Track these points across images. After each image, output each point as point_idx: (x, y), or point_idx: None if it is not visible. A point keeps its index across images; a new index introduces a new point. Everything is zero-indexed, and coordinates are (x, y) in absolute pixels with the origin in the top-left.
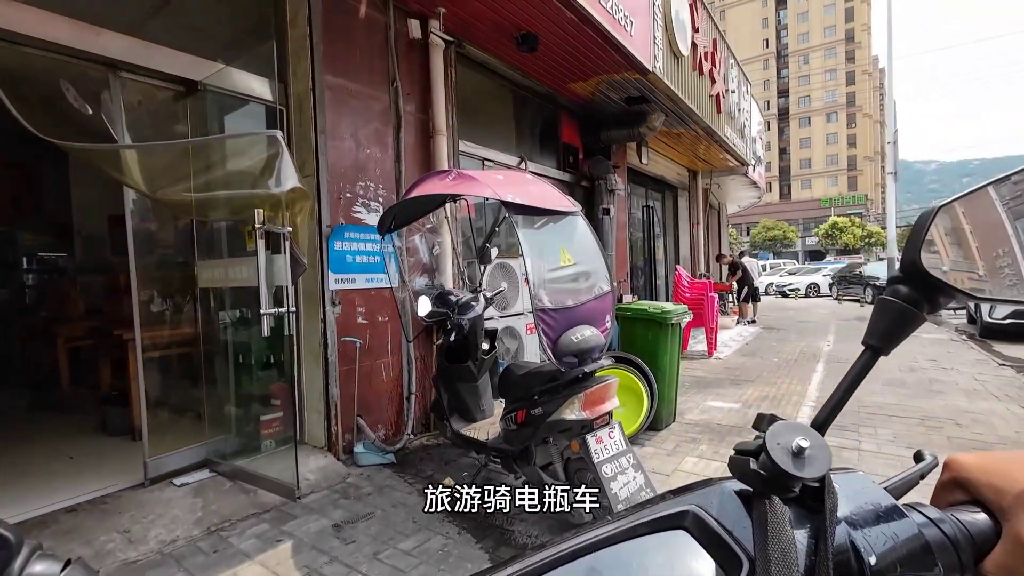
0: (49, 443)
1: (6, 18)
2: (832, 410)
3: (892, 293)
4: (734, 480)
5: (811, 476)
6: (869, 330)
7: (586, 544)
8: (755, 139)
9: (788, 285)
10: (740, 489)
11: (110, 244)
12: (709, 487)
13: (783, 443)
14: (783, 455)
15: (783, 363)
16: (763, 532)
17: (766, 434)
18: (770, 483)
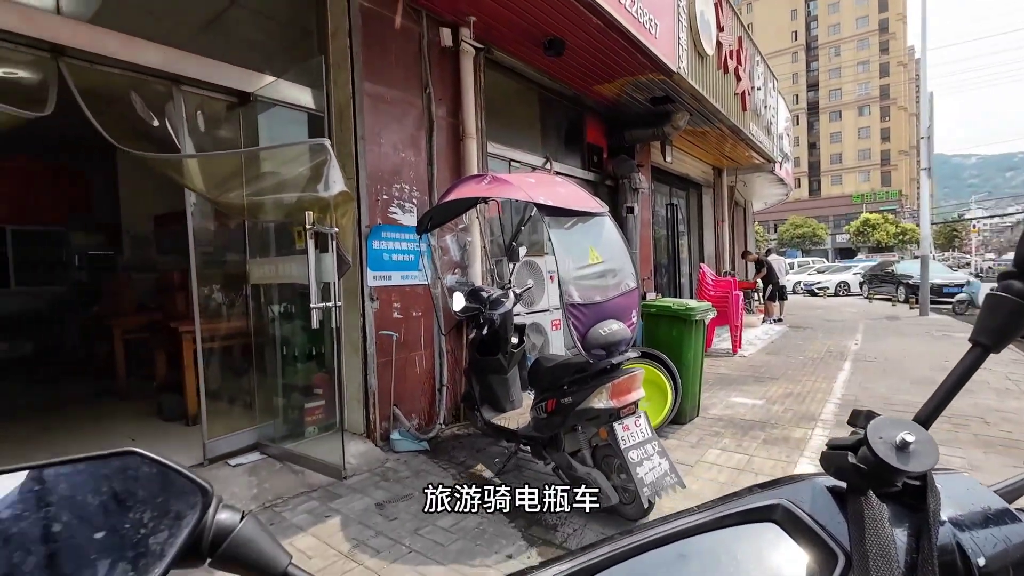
0: (112, 427)
1: (87, 41)
2: (936, 407)
3: (1004, 289)
4: (825, 476)
5: (917, 470)
6: (978, 327)
7: (675, 531)
8: (782, 136)
9: (817, 283)
10: (832, 485)
11: (155, 243)
12: (799, 482)
13: (886, 437)
14: (886, 449)
15: (808, 361)
16: (859, 528)
17: (867, 428)
18: (871, 477)
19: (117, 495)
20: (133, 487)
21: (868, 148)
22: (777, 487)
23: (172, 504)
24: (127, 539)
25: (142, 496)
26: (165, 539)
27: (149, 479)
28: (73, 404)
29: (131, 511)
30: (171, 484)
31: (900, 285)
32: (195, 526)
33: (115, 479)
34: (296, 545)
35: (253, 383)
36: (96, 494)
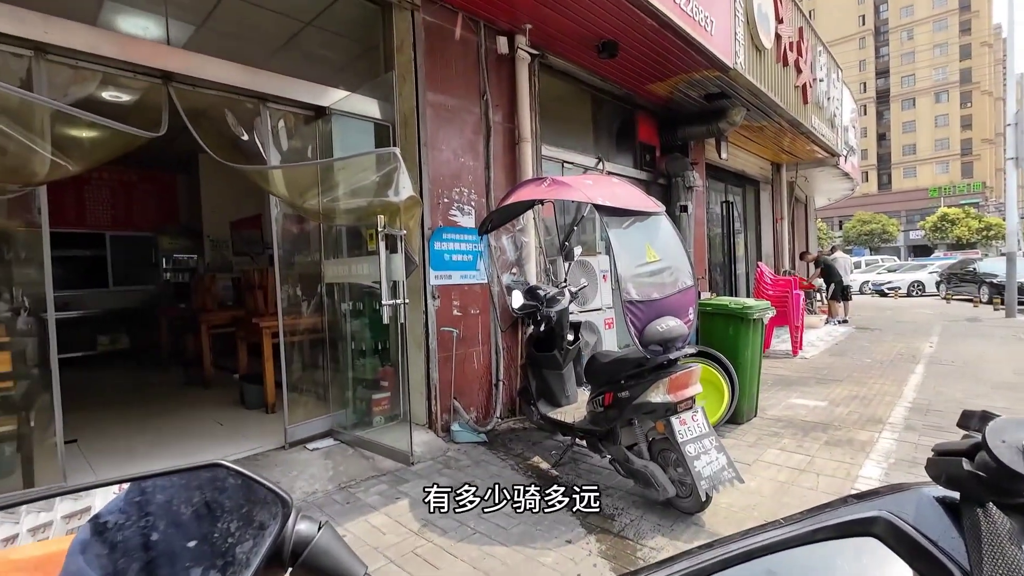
0: (202, 412)
1: (191, 67)
2: None
3: None
4: (932, 486)
5: None
6: None
7: (761, 546)
8: (847, 128)
9: (887, 283)
10: (941, 496)
11: (232, 246)
12: (902, 492)
13: (1010, 440)
14: (1012, 453)
15: (876, 364)
16: (978, 544)
17: (986, 431)
18: (991, 486)
19: (207, 505)
20: (220, 498)
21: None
22: (876, 498)
23: (255, 514)
24: (216, 548)
25: (228, 506)
26: (250, 548)
27: (234, 490)
28: (165, 391)
29: (219, 520)
30: (254, 494)
31: (983, 284)
32: (277, 536)
33: (205, 490)
34: (371, 522)
35: (326, 375)
36: (188, 504)
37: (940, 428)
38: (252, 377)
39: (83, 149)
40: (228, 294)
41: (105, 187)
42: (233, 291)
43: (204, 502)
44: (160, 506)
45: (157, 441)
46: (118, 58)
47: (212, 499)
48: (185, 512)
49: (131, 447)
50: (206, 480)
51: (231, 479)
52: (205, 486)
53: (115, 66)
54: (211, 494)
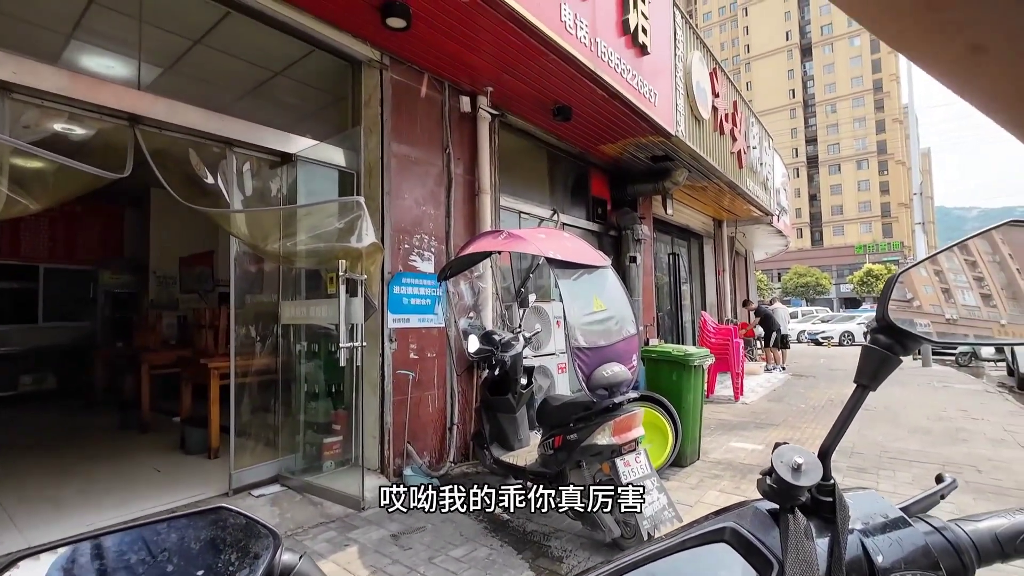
0: (138, 458)
1: (158, 111)
2: (833, 439)
3: (872, 341)
4: (763, 500)
5: (807, 484)
6: (858, 371)
7: (642, 557)
8: (779, 190)
9: (821, 333)
10: (769, 508)
11: (180, 282)
12: (744, 506)
13: (785, 461)
14: (785, 470)
15: (810, 409)
16: (787, 540)
17: (772, 455)
18: (781, 494)
19: (211, 541)
20: (223, 535)
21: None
22: (727, 512)
23: (251, 547)
24: (219, 575)
25: (229, 541)
26: (246, 575)
27: (234, 528)
28: (96, 436)
29: (222, 554)
30: (250, 530)
31: None
32: (268, 564)
33: (210, 529)
34: (337, 563)
35: (276, 418)
36: (197, 542)
37: (862, 469)
38: (195, 420)
39: (44, 187)
40: (173, 332)
41: (43, 217)
42: (178, 329)
43: (209, 539)
44: (174, 544)
45: (86, 490)
46: (86, 100)
47: (216, 536)
48: (194, 548)
49: (57, 496)
50: (210, 521)
51: (231, 518)
52: (210, 526)
53: (82, 107)
54: (215, 532)
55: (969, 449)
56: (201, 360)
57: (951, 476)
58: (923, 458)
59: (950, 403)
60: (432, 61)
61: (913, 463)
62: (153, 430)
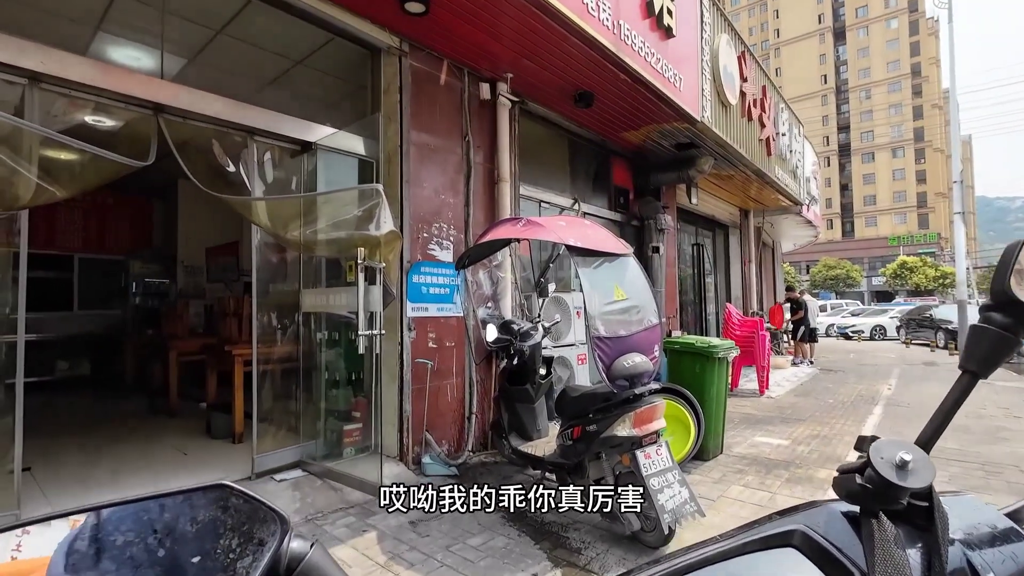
0: (165, 441)
1: (182, 100)
2: (935, 430)
3: (985, 320)
4: (840, 502)
5: (916, 486)
6: (965, 356)
7: (698, 560)
8: (809, 179)
9: (851, 326)
10: (847, 510)
11: (206, 272)
12: (815, 508)
13: (887, 457)
14: (887, 467)
15: (838, 404)
16: (873, 549)
17: (869, 449)
18: (876, 496)
19: (210, 523)
20: (223, 516)
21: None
22: (794, 514)
23: (255, 532)
24: (219, 562)
25: (231, 524)
26: (250, 563)
27: (236, 509)
28: (127, 420)
29: (221, 537)
30: (255, 513)
31: (939, 330)
32: (275, 552)
33: (209, 508)
34: (336, 555)
35: (298, 404)
36: (193, 523)
37: None
38: (220, 406)
39: (71, 175)
40: (200, 321)
41: (78, 209)
42: (205, 318)
43: (208, 520)
44: (167, 524)
45: (116, 469)
46: (112, 89)
47: (215, 517)
48: (190, 530)
49: (88, 476)
50: (211, 500)
51: (234, 499)
52: (209, 505)
53: (108, 96)
54: (215, 512)
55: (1011, 448)
56: (225, 347)
57: None
58: (961, 457)
59: (990, 400)
60: (451, 47)
61: (951, 462)
62: (180, 415)
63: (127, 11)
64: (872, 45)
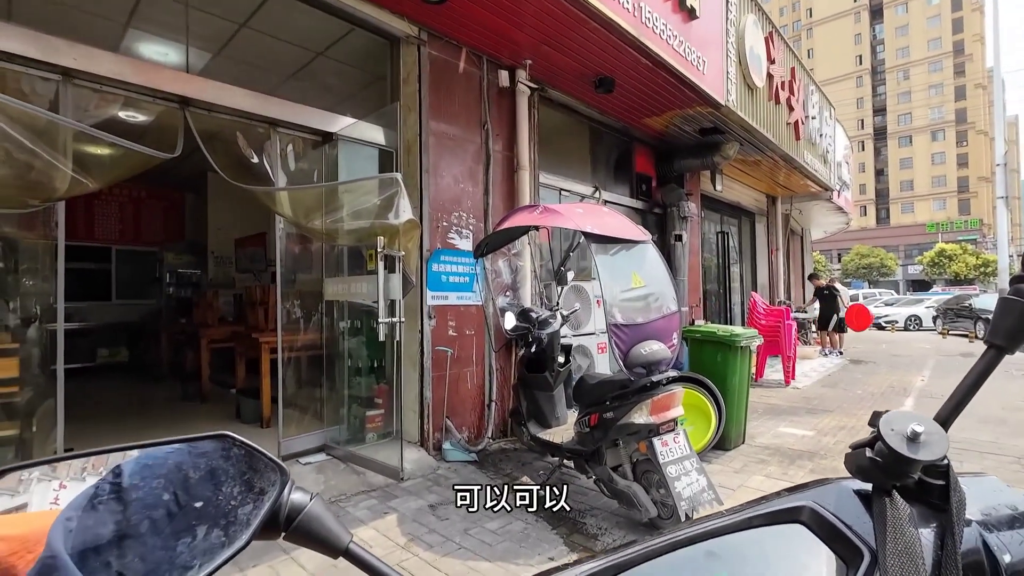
0: (197, 426)
1: (208, 93)
2: (955, 407)
3: (1016, 292)
4: (851, 480)
5: (928, 459)
6: (992, 329)
7: (703, 532)
8: (840, 164)
9: (884, 316)
10: (858, 488)
11: (235, 262)
12: (825, 485)
13: (897, 428)
14: (898, 440)
15: (867, 395)
16: (883, 527)
17: (880, 422)
18: (887, 470)
19: (213, 471)
20: (225, 465)
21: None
22: (803, 490)
23: (256, 481)
24: (220, 509)
25: (232, 473)
26: (250, 511)
27: (238, 459)
28: (161, 405)
29: (223, 485)
30: (256, 464)
31: (978, 320)
32: (275, 501)
33: (211, 457)
34: (358, 536)
35: (322, 390)
36: (196, 470)
37: None
38: (249, 392)
39: (103, 167)
40: (229, 310)
41: (115, 202)
42: (234, 307)
43: (210, 468)
44: (170, 471)
45: None
46: (140, 83)
47: (217, 466)
48: (193, 477)
49: None
50: (213, 449)
51: (236, 449)
52: (211, 454)
53: (136, 91)
54: (217, 462)
55: None
56: (253, 335)
57: None
58: (996, 450)
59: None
60: (470, 34)
61: (985, 455)
62: (211, 400)
63: (155, 6)
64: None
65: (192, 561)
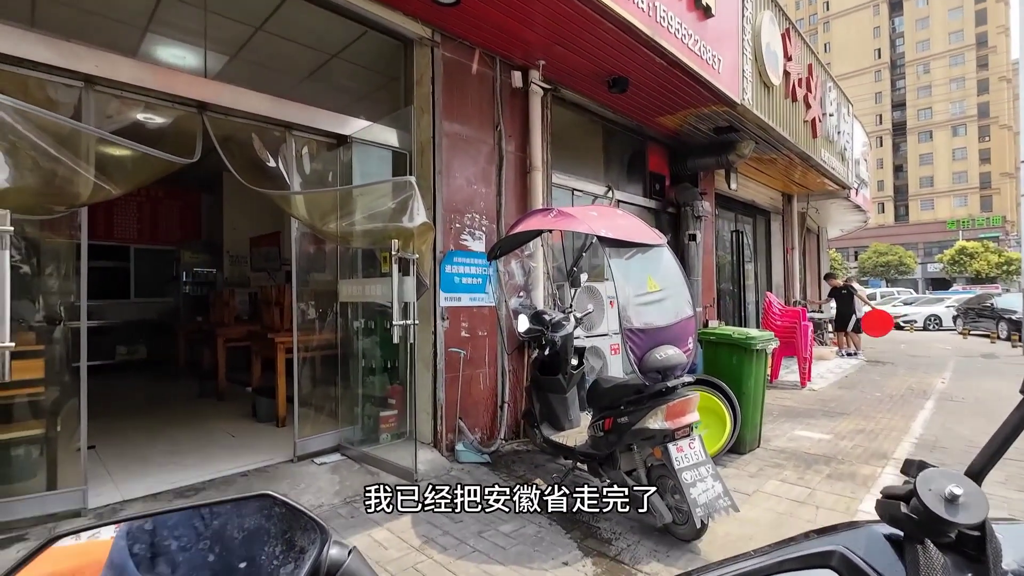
0: (215, 424)
1: (225, 98)
2: (989, 460)
3: None
4: (881, 524)
5: (966, 523)
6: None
7: (733, 574)
8: (859, 161)
9: (903, 316)
10: (889, 533)
11: (250, 262)
12: (855, 529)
13: (935, 489)
14: (935, 500)
15: (886, 398)
16: (917, 575)
17: (916, 480)
18: (922, 527)
19: (255, 531)
20: (267, 524)
21: (964, 170)
22: (833, 533)
23: (297, 539)
24: (263, 569)
25: (273, 532)
26: (292, 570)
27: (280, 518)
28: (179, 402)
29: (266, 545)
30: (296, 521)
31: (1001, 320)
32: (315, 560)
33: (254, 516)
34: (373, 536)
35: (337, 391)
36: (240, 530)
37: (944, 465)
38: (264, 391)
39: (124, 173)
40: (244, 308)
41: (133, 202)
42: (249, 306)
43: (253, 528)
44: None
45: (172, 450)
46: (159, 89)
47: (260, 525)
48: (237, 537)
49: (147, 455)
50: (255, 508)
51: (277, 508)
52: (254, 514)
53: (156, 96)
54: (259, 521)
55: None
56: (268, 335)
57: None
58: (1019, 456)
59: None
60: (483, 35)
61: (1007, 460)
62: (228, 398)
63: (172, 11)
64: (932, 15)
65: None
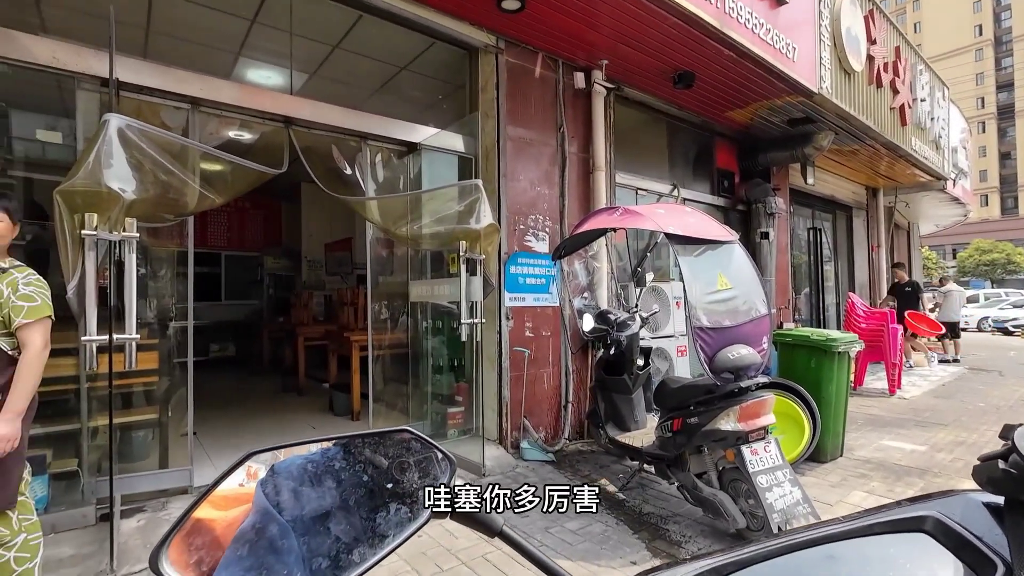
0: (296, 416)
1: (308, 112)
2: None
3: None
4: (980, 492)
5: None
6: None
7: (823, 535)
8: (956, 149)
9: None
10: (988, 500)
11: (325, 266)
12: (951, 496)
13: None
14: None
15: (992, 408)
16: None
17: (1014, 435)
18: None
19: (398, 459)
20: (407, 454)
21: None
22: (927, 500)
23: (431, 469)
24: (406, 489)
25: (413, 461)
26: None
27: (417, 450)
28: (264, 396)
29: (407, 471)
30: (430, 454)
31: None
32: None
33: (397, 447)
34: (444, 526)
35: (407, 387)
36: (386, 457)
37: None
38: (340, 386)
39: (224, 184)
40: (320, 310)
41: (224, 211)
42: (325, 307)
43: (396, 456)
44: (368, 457)
45: (259, 440)
46: (252, 107)
47: (402, 455)
48: (384, 463)
49: (238, 443)
50: (397, 440)
51: (415, 442)
52: (396, 445)
53: (249, 114)
54: (401, 451)
55: None
56: (344, 334)
57: None
58: None
59: None
60: (546, 40)
61: None
62: (307, 393)
63: (261, 35)
64: None
65: (388, 531)
